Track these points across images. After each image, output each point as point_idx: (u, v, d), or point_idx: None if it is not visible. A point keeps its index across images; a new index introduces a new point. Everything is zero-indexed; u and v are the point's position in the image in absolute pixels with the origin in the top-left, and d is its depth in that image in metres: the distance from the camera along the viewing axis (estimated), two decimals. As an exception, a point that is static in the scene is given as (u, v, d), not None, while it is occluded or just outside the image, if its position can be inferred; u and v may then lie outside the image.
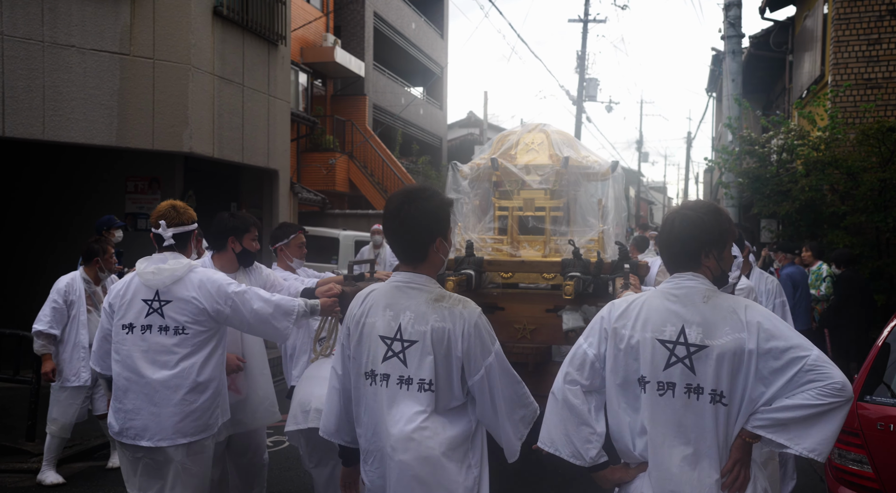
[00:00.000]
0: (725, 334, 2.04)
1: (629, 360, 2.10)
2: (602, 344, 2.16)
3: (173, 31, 7.77)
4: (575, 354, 2.20)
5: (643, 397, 2.08)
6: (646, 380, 2.07)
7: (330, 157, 17.40)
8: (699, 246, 2.12)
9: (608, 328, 2.15)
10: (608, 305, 2.22)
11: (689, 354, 2.05)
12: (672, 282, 2.15)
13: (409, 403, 2.25)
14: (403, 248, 2.29)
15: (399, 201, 2.26)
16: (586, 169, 4.86)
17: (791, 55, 13.33)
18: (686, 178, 43.27)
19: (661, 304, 2.12)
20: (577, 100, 25.28)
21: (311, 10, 17.27)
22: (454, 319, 2.23)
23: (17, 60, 6.82)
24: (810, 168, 8.95)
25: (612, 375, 2.13)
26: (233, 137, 8.79)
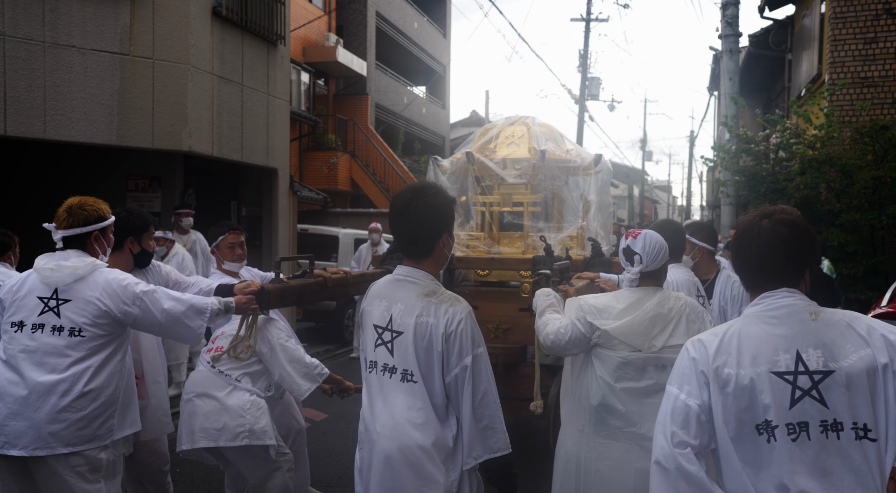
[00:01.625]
0: (849, 352, 1.74)
1: (742, 405, 1.74)
2: (703, 391, 1.78)
3: (173, 32, 7.86)
4: (674, 409, 1.79)
5: (775, 446, 1.71)
6: (773, 425, 1.72)
7: (332, 156, 17.48)
8: (805, 260, 1.85)
9: (706, 371, 1.78)
10: (692, 342, 1.86)
11: (814, 383, 1.72)
12: (763, 303, 1.84)
13: (398, 393, 2.31)
14: (410, 243, 2.35)
15: (407, 198, 2.31)
16: (566, 163, 4.71)
17: (790, 54, 13.35)
18: (689, 176, 43.22)
19: (760, 330, 1.80)
20: (579, 99, 25.31)
21: (312, 10, 17.36)
22: (439, 314, 2.27)
23: (19, 60, 6.93)
24: (806, 166, 8.99)
25: (723, 427, 1.75)
26: (232, 136, 8.88)
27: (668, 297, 2.74)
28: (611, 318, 2.68)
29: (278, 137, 10.01)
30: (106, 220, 3.02)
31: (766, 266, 1.84)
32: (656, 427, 1.82)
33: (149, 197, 9.38)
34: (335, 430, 6.19)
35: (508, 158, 4.79)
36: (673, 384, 1.84)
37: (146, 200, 9.37)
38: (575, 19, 25.66)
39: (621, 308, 2.69)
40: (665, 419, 1.80)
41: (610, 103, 30.88)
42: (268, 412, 3.47)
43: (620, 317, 2.67)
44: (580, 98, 25.25)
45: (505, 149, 4.86)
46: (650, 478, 1.80)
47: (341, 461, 5.32)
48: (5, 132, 6.87)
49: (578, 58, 25.43)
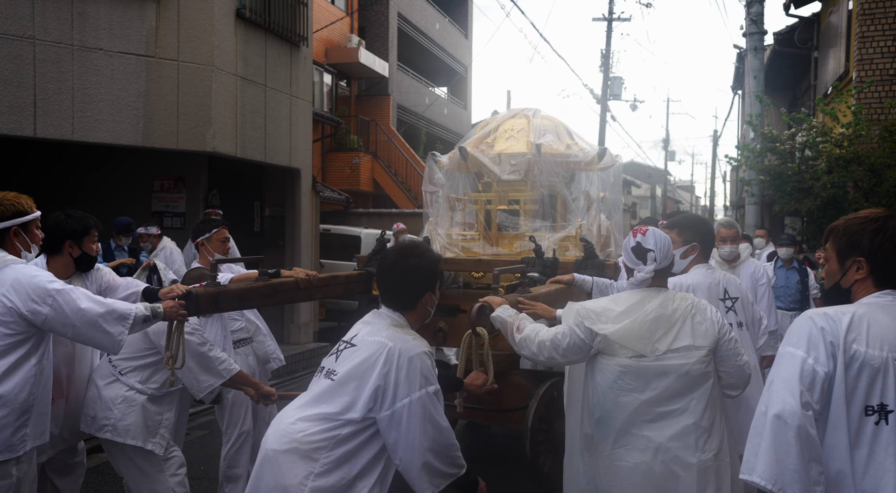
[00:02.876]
0: None
1: (862, 384, 1.81)
2: (830, 361, 1.82)
3: (197, 34, 7.96)
4: (802, 371, 1.82)
5: (883, 429, 1.79)
6: (888, 410, 1.80)
7: (354, 156, 17.58)
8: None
9: (836, 342, 1.83)
10: (817, 314, 1.90)
11: None
12: (889, 297, 1.93)
13: (309, 395, 2.33)
14: (395, 299, 2.45)
15: (393, 258, 2.42)
16: (566, 157, 4.44)
17: (816, 51, 13.16)
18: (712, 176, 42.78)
19: (888, 319, 1.87)
20: (601, 99, 25.17)
21: (335, 12, 17.47)
22: (396, 341, 2.29)
23: (48, 64, 7.06)
24: (833, 165, 8.85)
25: (842, 401, 1.81)
26: (255, 136, 8.97)
27: (672, 297, 2.62)
28: (609, 321, 2.56)
29: (301, 138, 10.08)
30: (25, 215, 2.84)
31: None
32: (776, 384, 1.82)
33: (174, 198, 9.50)
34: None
35: (504, 152, 4.54)
36: (798, 347, 1.85)
37: (171, 200, 9.49)
38: (597, 19, 25.52)
39: (620, 311, 2.58)
40: (792, 377, 1.81)
41: (632, 103, 30.68)
42: (141, 411, 3.30)
43: (620, 320, 2.55)
44: (602, 98, 25.11)
45: (503, 143, 4.61)
46: (757, 431, 1.79)
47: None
48: (35, 134, 7.00)
49: (600, 57, 25.31)
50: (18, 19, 6.87)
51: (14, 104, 6.87)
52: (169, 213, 9.39)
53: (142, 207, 9.20)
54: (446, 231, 4.60)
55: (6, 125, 6.85)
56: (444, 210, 4.74)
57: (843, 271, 2.00)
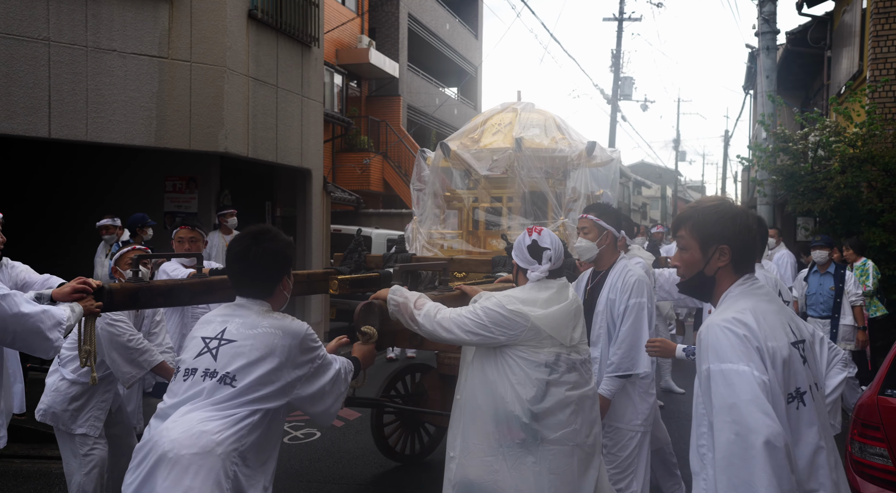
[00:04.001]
0: (802, 325, 2.03)
1: (781, 377, 1.84)
2: (764, 366, 1.81)
3: (209, 35, 8.00)
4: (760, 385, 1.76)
5: (803, 411, 1.86)
6: (801, 391, 1.87)
7: (364, 157, 17.60)
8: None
9: (761, 347, 1.82)
10: (729, 322, 1.85)
11: (803, 350, 1.93)
12: (747, 282, 2.01)
13: (202, 398, 2.23)
14: (251, 286, 2.37)
15: (246, 243, 2.34)
16: (551, 153, 4.31)
17: (829, 51, 13.07)
18: (724, 177, 42.55)
19: (768, 306, 1.94)
20: (611, 99, 25.10)
21: (345, 12, 17.51)
22: (284, 328, 2.30)
23: (63, 65, 7.11)
24: (846, 165, 8.78)
25: (779, 400, 1.81)
26: (267, 137, 9.00)
27: (570, 288, 2.82)
28: (537, 307, 2.61)
29: (312, 139, 10.11)
30: None
31: (759, 250, 2.03)
32: (745, 407, 1.73)
33: (185, 198, 9.54)
34: (369, 428, 6.23)
35: (488, 148, 4.44)
36: (736, 363, 1.79)
37: (183, 201, 9.53)
38: (608, 19, 25.46)
39: (545, 298, 2.64)
40: (758, 396, 1.74)
41: (643, 103, 30.59)
42: (67, 399, 3.55)
43: (547, 306, 2.61)
44: (612, 98, 25.05)
45: (489, 137, 4.50)
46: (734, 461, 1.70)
47: (376, 460, 5.35)
48: (49, 135, 7.06)
49: (611, 57, 25.24)
50: (33, 21, 6.93)
51: (29, 105, 6.93)
52: (181, 213, 9.42)
53: (154, 208, 9.25)
54: (427, 230, 4.52)
55: (21, 126, 6.91)
56: (429, 208, 4.67)
57: (706, 260, 2.00)
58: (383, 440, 5.07)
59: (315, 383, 2.36)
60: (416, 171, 4.74)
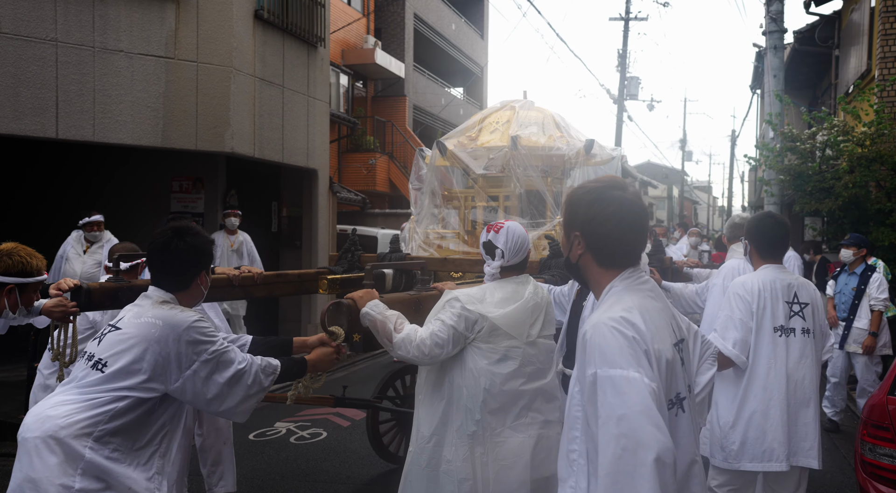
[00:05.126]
0: (682, 325, 1.95)
1: (665, 381, 1.72)
2: (652, 371, 1.67)
3: (216, 35, 8.01)
4: (651, 394, 1.62)
5: (682, 417, 1.77)
6: (682, 397, 1.78)
7: (370, 157, 17.61)
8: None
9: (648, 350, 1.68)
10: (617, 321, 1.70)
11: (682, 352, 1.86)
12: (633, 277, 1.88)
13: (76, 381, 2.32)
14: (168, 279, 2.44)
15: (168, 237, 2.41)
16: (548, 151, 4.26)
17: (837, 50, 13.01)
18: (730, 177, 42.41)
19: (651, 304, 1.81)
20: (617, 99, 25.04)
21: (351, 13, 17.52)
22: (165, 319, 2.32)
23: (70, 65, 7.14)
24: (854, 164, 8.74)
25: (663, 406, 1.68)
26: (273, 137, 9.01)
27: (537, 285, 2.82)
28: (493, 306, 2.64)
29: (318, 139, 10.11)
30: (30, 277, 2.85)
31: (638, 241, 1.86)
32: (636, 418, 1.57)
33: (192, 198, 9.56)
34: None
35: (484, 146, 4.40)
36: (626, 368, 1.62)
37: (190, 201, 9.55)
38: (614, 18, 25.42)
39: (500, 297, 2.67)
40: (649, 407, 1.58)
41: (649, 103, 30.48)
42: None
43: (502, 305, 2.63)
44: (619, 98, 24.98)
45: (487, 136, 4.45)
46: (640, 479, 1.55)
47: (382, 461, 5.34)
48: (57, 135, 7.08)
49: (617, 57, 25.18)
50: (41, 22, 6.96)
51: (37, 106, 6.96)
52: (188, 213, 9.44)
53: (161, 208, 9.28)
54: (424, 229, 4.48)
55: (29, 126, 6.94)
56: (427, 207, 4.64)
57: (569, 245, 1.90)
58: (379, 441, 5.06)
59: (207, 379, 2.33)
60: (414, 170, 4.71)
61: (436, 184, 4.64)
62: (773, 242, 3.37)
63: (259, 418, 6.54)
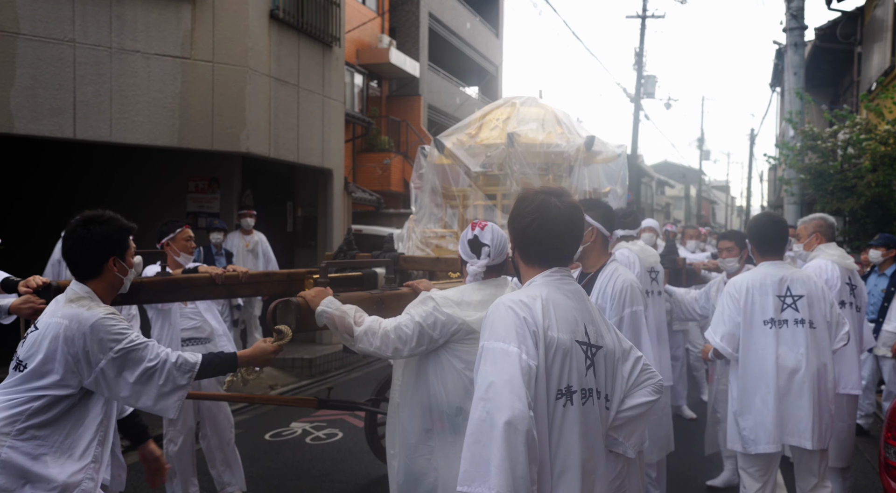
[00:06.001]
0: (605, 333, 2.00)
1: (555, 370, 1.83)
2: (537, 352, 1.80)
3: (231, 35, 8.02)
4: (521, 368, 1.76)
5: (570, 410, 1.84)
6: (573, 390, 1.85)
7: (385, 157, 17.60)
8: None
9: (538, 332, 1.82)
10: (514, 303, 1.87)
11: (593, 355, 1.92)
12: (556, 276, 1.98)
13: (3, 384, 2.39)
14: (80, 267, 2.49)
15: (76, 224, 2.49)
16: (547, 148, 4.17)
17: (860, 47, 12.82)
18: (749, 176, 41.98)
19: (564, 301, 1.92)
20: (634, 97, 24.89)
21: (366, 12, 17.52)
22: (72, 318, 2.34)
23: (87, 66, 7.17)
24: (877, 163, 8.60)
25: (544, 390, 1.81)
26: (288, 137, 9.01)
27: (515, 288, 2.68)
28: (472, 308, 2.56)
29: (333, 139, 10.11)
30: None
31: (563, 243, 1.97)
32: (499, 386, 1.72)
33: (208, 198, 9.59)
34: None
35: (482, 144, 4.33)
36: (508, 342, 1.78)
37: (205, 201, 9.58)
38: (630, 16, 25.31)
39: (479, 299, 2.59)
40: (514, 378, 1.73)
41: (666, 101, 30.26)
42: None
43: (481, 308, 2.53)
44: (635, 96, 24.83)
45: (487, 133, 4.38)
46: (479, 439, 1.70)
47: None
48: (75, 136, 7.12)
49: (634, 56, 25.02)
50: (59, 23, 7.00)
51: (55, 107, 7.00)
52: (203, 213, 9.48)
53: (177, 208, 9.31)
54: (422, 228, 4.42)
55: (47, 127, 6.98)
56: (426, 206, 4.57)
57: (513, 248, 2.06)
58: (376, 442, 4.96)
59: (116, 377, 2.35)
60: (415, 168, 4.67)
61: (436, 182, 4.58)
62: (770, 239, 3.55)
63: (275, 418, 6.53)
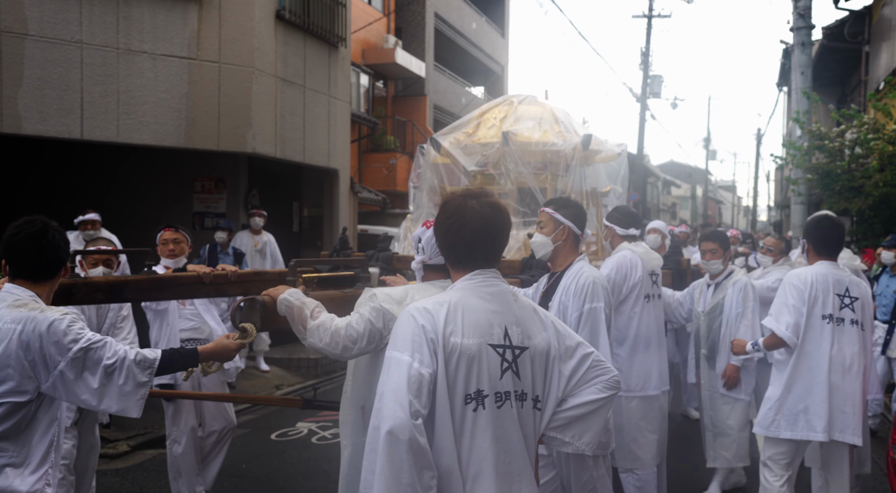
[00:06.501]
0: (536, 333, 1.96)
1: (461, 375, 1.82)
2: (433, 359, 1.80)
3: (238, 36, 8.04)
4: (409, 377, 1.77)
5: (481, 414, 1.82)
6: (484, 394, 1.83)
7: (391, 157, 17.61)
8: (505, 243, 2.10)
9: (436, 339, 1.81)
10: (417, 310, 1.86)
11: (514, 357, 1.90)
12: (476, 279, 1.95)
13: None
14: (41, 267, 2.44)
15: (41, 228, 2.43)
16: (543, 146, 4.13)
17: (867, 46, 12.76)
18: (756, 176, 41.84)
19: (478, 304, 1.91)
20: (640, 97, 24.83)
21: (372, 12, 17.54)
22: (26, 322, 2.29)
23: (95, 67, 7.20)
24: (885, 162, 8.56)
25: (445, 397, 1.80)
26: (294, 137, 9.03)
27: None
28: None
29: (339, 139, 10.13)
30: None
31: (481, 246, 1.94)
32: (386, 396, 1.76)
33: (214, 198, 9.61)
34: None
35: (478, 143, 4.30)
36: (402, 352, 1.81)
37: (212, 201, 9.60)
38: (636, 16, 25.25)
39: (420, 299, 2.51)
40: (400, 387, 1.75)
41: (672, 101, 30.19)
42: None
43: None
44: (641, 96, 24.77)
45: (484, 131, 4.36)
46: (372, 448, 1.74)
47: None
48: (82, 136, 7.15)
49: (640, 55, 24.96)
50: (67, 24, 7.03)
51: (62, 107, 7.03)
52: (210, 213, 9.50)
53: (183, 208, 9.34)
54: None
55: (55, 128, 7.02)
56: (425, 206, 4.53)
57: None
58: None
59: (76, 378, 2.30)
60: (414, 167, 4.66)
61: (434, 181, 4.55)
62: (831, 241, 3.65)
63: (280, 418, 6.55)
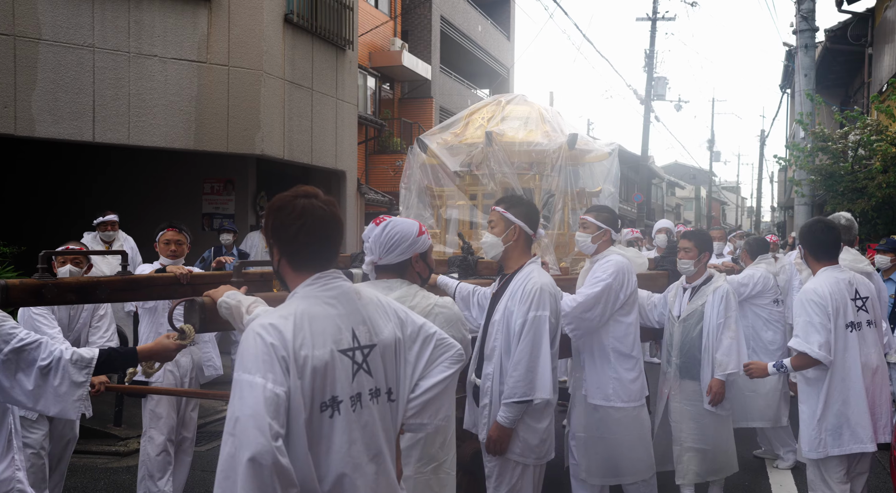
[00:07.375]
0: (383, 327, 1.94)
1: (316, 386, 1.78)
2: (286, 377, 1.73)
3: (247, 40, 8.15)
4: (266, 399, 1.70)
5: (337, 420, 1.80)
6: (339, 400, 1.81)
7: (397, 158, 17.70)
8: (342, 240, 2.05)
9: (287, 356, 1.75)
10: (263, 327, 1.77)
11: (364, 357, 1.88)
12: (318, 283, 1.88)
13: None
14: None
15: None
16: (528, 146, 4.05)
17: (871, 48, 12.80)
18: (759, 177, 41.81)
19: (324, 311, 1.85)
20: (645, 99, 24.88)
21: (378, 16, 17.65)
22: None
23: (106, 71, 7.32)
24: (889, 164, 8.60)
25: (299, 411, 1.74)
26: (302, 139, 9.14)
27: (413, 293, 2.52)
28: None
29: (346, 141, 10.23)
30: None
31: (328, 246, 1.89)
32: (243, 421, 1.68)
33: (223, 200, 9.72)
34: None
35: (464, 143, 4.25)
36: (254, 374, 1.71)
37: (220, 202, 9.71)
38: (641, 19, 25.27)
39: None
40: (258, 412, 1.67)
41: (676, 103, 30.23)
42: None
43: None
44: (646, 98, 24.83)
45: (472, 132, 4.31)
46: (227, 475, 1.66)
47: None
48: (94, 139, 7.27)
49: (644, 58, 25.03)
50: (79, 29, 7.15)
51: (74, 110, 7.15)
52: (218, 215, 9.62)
53: (192, 209, 9.45)
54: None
55: (67, 130, 7.13)
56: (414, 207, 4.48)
57: (271, 255, 1.95)
58: None
59: (14, 378, 2.30)
60: (405, 168, 4.60)
61: (423, 183, 4.50)
62: (828, 245, 3.56)
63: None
